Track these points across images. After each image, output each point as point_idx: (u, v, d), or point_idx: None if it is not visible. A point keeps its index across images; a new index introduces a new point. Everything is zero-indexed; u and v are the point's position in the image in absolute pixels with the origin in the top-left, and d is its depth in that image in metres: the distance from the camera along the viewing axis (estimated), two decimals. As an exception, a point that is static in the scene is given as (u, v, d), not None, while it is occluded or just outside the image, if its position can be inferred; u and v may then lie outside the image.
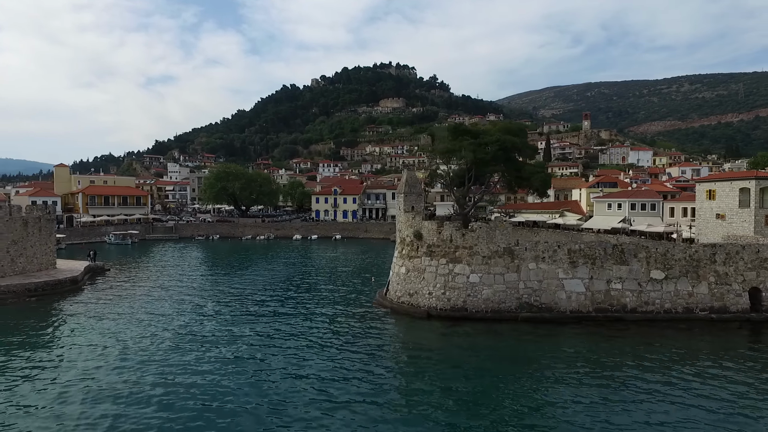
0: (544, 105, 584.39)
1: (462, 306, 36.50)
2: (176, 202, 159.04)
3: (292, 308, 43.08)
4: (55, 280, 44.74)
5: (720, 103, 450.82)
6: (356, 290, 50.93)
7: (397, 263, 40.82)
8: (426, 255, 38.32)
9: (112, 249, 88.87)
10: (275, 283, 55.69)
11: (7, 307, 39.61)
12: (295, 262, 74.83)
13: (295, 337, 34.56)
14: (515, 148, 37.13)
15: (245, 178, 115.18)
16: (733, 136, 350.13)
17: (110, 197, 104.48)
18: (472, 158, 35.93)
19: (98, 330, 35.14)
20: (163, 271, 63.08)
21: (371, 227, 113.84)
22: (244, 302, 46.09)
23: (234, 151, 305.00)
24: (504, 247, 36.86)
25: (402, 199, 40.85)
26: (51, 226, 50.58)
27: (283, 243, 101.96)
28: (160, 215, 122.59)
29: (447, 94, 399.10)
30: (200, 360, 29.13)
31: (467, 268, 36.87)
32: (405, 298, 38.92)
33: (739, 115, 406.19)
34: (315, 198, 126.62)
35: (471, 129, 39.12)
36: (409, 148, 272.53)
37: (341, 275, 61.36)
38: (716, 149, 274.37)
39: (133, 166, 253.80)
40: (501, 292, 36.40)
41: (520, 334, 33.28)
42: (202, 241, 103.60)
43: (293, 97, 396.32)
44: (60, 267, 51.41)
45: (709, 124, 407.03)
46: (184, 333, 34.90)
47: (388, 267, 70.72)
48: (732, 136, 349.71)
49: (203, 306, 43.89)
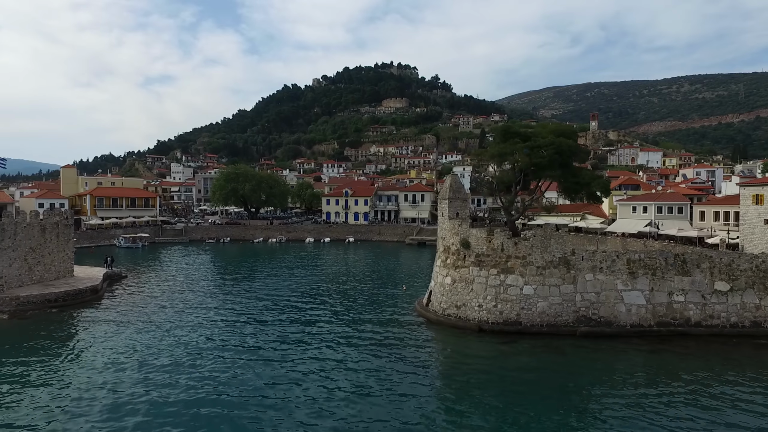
0: (543, 105, 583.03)
1: (515, 320, 34.29)
2: (182, 204, 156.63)
3: (327, 317, 41.14)
4: (75, 290, 42.40)
5: (720, 104, 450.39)
6: (390, 298, 48.78)
7: (441, 273, 38.58)
8: (474, 265, 36.11)
9: (122, 253, 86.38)
10: (302, 290, 53.52)
11: (28, 321, 37.25)
12: (314, 266, 72.59)
13: (334, 347, 32.89)
14: (570, 151, 34.93)
15: (255, 179, 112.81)
16: (734, 136, 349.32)
17: (118, 199, 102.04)
18: (528, 162, 33.71)
19: (125, 342, 33.06)
20: (181, 276, 60.74)
21: (384, 230, 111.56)
22: (274, 310, 44.13)
23: (236, 152, 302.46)
24: (559, 257, 34.67)
25: (446, 205, 38.62)
26: (69, 232, 48.24)
27: (295, 246, 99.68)
28: (168, 217, 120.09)
29: (449, 94, 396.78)
30: (238, 373, 27.77)
31: (520, 279, 34.67)
32: (451, 311, 36.69)
33: (740, 116, 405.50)
34: (325, 200, 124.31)
35: (521, 131, 36.91)
36: (414, 148, 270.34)
37: (367, 281, 59.15)
38: (718, 150, 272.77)
39: (135, 167, 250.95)
40: (557, 304, 34.20)
41: (581, 351, 31.10)
42: (213, 244, 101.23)
43: (295, 97, 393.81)
44: (78, 275, 49.05)
45: (710, 124, 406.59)
46: (215, 345, 33.13)
47: (411, 272, 69.48)
48: (733, 137, 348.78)
49: (231, 315, 41.97)
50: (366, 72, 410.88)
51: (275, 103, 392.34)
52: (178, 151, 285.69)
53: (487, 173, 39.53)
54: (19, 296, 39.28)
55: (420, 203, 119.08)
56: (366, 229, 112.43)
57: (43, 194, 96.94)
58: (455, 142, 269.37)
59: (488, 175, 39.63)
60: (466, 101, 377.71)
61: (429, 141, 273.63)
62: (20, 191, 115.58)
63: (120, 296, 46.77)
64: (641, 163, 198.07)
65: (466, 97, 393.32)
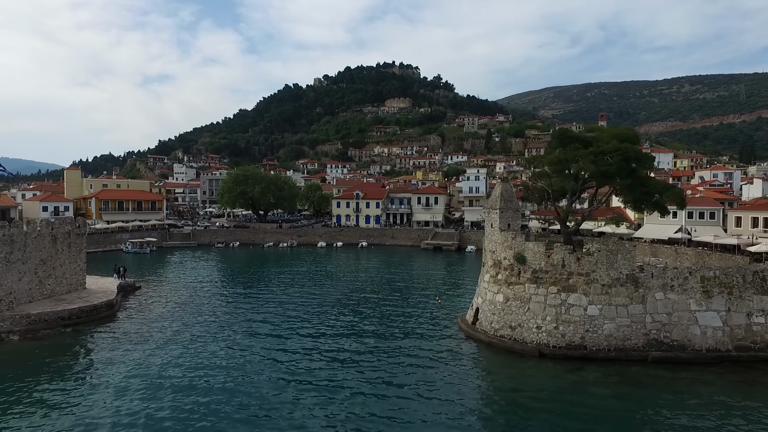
0: (544, 105, 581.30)
1: (580, 343, 31.18)
2: (187, 205, 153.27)
3: (361, 333, 38.51)
4: (90, 306, 39.14)
5: (721, 104, 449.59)
6: (424, 310, 45.77)
7: (490, 289, 35.45)
8: (531, 282, 32.99)
9: (130, 258, 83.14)
10: (328, 300, 50.57)
11: (41, 342, 34.01)
12: (332, 273, 69.44)
13: (374, 367, 30.53)
14: (637, 158, 31.86)
15: (265, 181, 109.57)
16: (736, 137, 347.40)
17: (124, 202, 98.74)
18: (594, 170, 30.62)
19: (147, 366, 30.27)
20: (196, 286, 57.53)
21: (398, 234, 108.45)
22: (299, 322, 41.70)
23: (238, 152, 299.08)
24: (627, 274, 31.58)
25: (497, 215, 35.49)
26: (81, 242, 44.98)
27: (307, 251, 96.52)
28: (174, 220, 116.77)
29: (452, 94, 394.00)
30: (273, 394, 25.97)
31: (584, 299, 31.57)
32: (505, 332, 33.56)
33: (741, 116, 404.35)
34: (335, 202, 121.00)
35: (580, 135, 33.87)
36: (419, 148, 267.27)
37: (394, 291, 55.96)
38: (722, 150, 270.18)
39: (137, 167, 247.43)
40: (625, 326, 31.10)
41: (659, 382, 27.94)
42: (222, 248, 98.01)
43: (296, 97, 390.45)
44: (90, 287, 45.81)
45: (711, 125, 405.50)
46: (243, 365, 30.92)
47: (437, 281, 65.74)
48: (735, 138, 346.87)
49: (254, 329, 39.44)
50: (368, 72, 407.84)
51: (276, 102, 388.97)
52: (180, 151, 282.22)
53: (536, 180, 36.22)
54: (30, 314, 36.04)
55: (433, 206, 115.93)
56: (379, 233, 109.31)
57: (47, 197, 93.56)
58: (461, 143, 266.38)
59: (536, 181, 36.36)
60: (469, 101, 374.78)
61: (434, 141, 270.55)
62: (22, 193, 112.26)
63: (136, 311, 43.54)
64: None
65: (469, 97, 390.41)
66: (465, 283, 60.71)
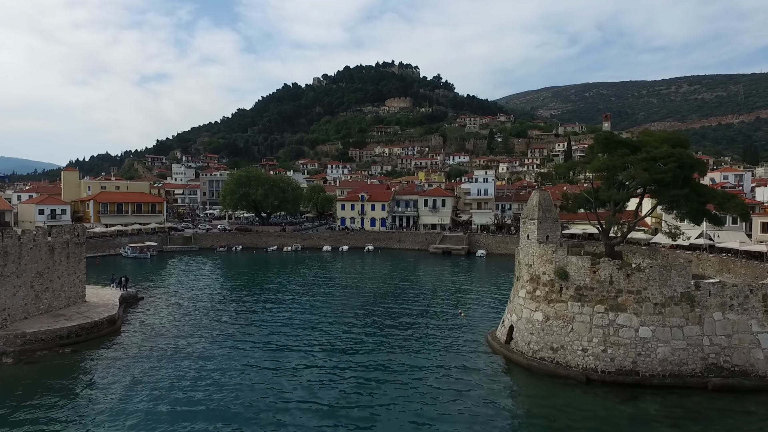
0: (542, 105, 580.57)
1: (631, 368, 28.40)
2: (187, 207, 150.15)
3: (381, 347, 36.34)
4: (90, 323, 36.13)
5: (720, 105, 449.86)
6: (446, 323, 43.10)
7: (527, 306, 32.66)
8: (574, 300, 30.22)
9: (130, 264, 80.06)
10: (341, 311, 47.98)
11: (37, 366, 31.01)
12: (341, 280, 66.63)
13: (401, 389, 28.24)
14: (691, 164, 29.12)
15: (268, 183, 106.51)
16: (735, 137, 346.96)
17: (123, 204, 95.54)
18: (648, 179, 27.86)
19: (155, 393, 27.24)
20: (201, 295, 54.61)
21: (404, 237, 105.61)
22: (313, 334, 39.03)
23: (237, 152, 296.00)
24: (681, 292, 28.82)
25: (534, 226, 32.68)
26: (80, 251, 41.96)
27: (313, 255, 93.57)
28: (174, 223, 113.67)
29: (452, 93, 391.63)
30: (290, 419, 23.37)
31: (635, 319, 28.80)
32: (546, 354, 30.76)
33: (740, 117, 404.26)
34: (340, 204, 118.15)
35: (627, 140, 31.10)
36: (420, 149, 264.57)
37: (410, 300, 53.15)
38: (719, 151, 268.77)
39: (134, 167, 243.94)
40: (681, 350, 28.35)
41: (730, 416, 25.04)
42: (224, 253, 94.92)
43: (295, 96, 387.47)
44: (90, 299, 42.79)
45: (710, 125, 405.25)
46: (260, 384, 28.61)
47: (452, 288, 61.79)
48: (733, 138, 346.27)
49: (267, 343, 37.16)
50: (367, 71, 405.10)
51: (275, 102, 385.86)
52: (178, 151, 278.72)
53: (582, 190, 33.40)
54: (25, 333, 33.05)
55: (440, 209, 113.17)
56: (385, 236, 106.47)
57: (44, 200, 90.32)
58: (462, 143, 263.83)
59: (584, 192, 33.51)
60: (469, 101, 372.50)
61: (435, 141, 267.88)
62: (18, 195, 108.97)
63: (139, 326, 40.55)
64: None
65: (469, 97, 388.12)
66: (484, 292, 57.93)
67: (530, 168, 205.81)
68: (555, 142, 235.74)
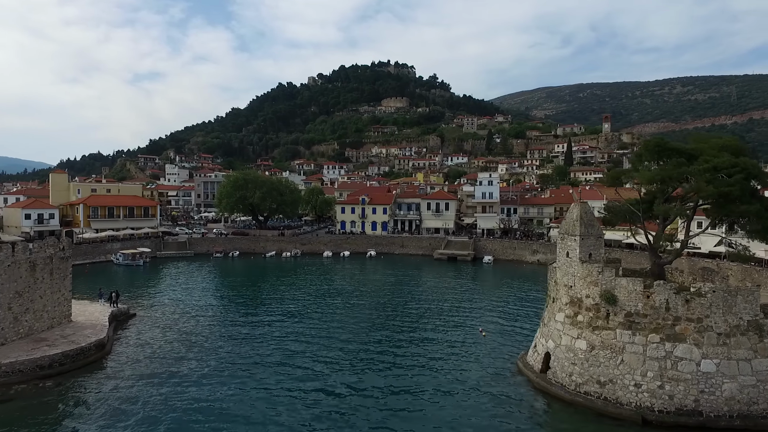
0: (536, 105, 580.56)
1: (693, 408, 24.99)
2: (180, 209, 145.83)
3: (396, 370, 33.52)
4: (76, 349, 32.28)
5: (713, 105, 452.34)
6: (469, 344, 39.69)
7: (568, 332, 29.20)
8: (624, 327, 26.80)
9: (121, 272, 76.07)
10: (348, 327, 44.68)
11: (11, 404, 27.12)
12: (345, 290, 63.03)
13: (424, 417, 25.41)
14: (757, 175, 25.80)
15: (266, 186, 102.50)
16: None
17: (115, 208, 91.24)
18: (712, 192, 24.47)
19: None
20: (197, 309, 50.90)
21: (407, 242, 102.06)
22: (322, 357, 35.70)
23: (232, 152, 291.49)
24: (749, 320, 25.47)
25: (574, 243, 29.22)
26: (66, 267, 38.01)
27: (313, 261, 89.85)
28: (168, 227, 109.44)
29: (448, 93, 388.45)
30: None
31: (696, 351, 25.40)
32: (592, 388, 27.30)
33: (733, 117, 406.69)
34: (340, 208, 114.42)
35: (681, 148, 27.76)
36: (418, 149, 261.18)
37: (424, 314, 49.60)
38: None
39: (126, 167, 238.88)
40: (750, 387, 24.98)
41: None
42: (221, 259, 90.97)
43: (290, 96, 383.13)
44: (77, 319, 38.89)
45: (703, 126, 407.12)
46: (267, 410, 25.13)
47: (464, 300, 57.30)
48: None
49: (270, 364, 34.10)
50: (363, 71, 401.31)
51: (270, 101, 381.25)
52: (172, 151, 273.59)
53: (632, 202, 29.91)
54: (0, 364, 29.18)
55: (444, 212, 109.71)
56: (387, 241, 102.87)
57: (30, 203, 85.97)
58: (461, 144, 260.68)
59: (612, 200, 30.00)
60: (465, 101, 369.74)
61: (433, 142, 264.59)
62: (4, 197, 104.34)
63: (132, 350, 36.67)
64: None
65: (465, 97, 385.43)
66: (501, 305, 54.41)
67: (530, 169, 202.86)
68: (554, 143, 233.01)
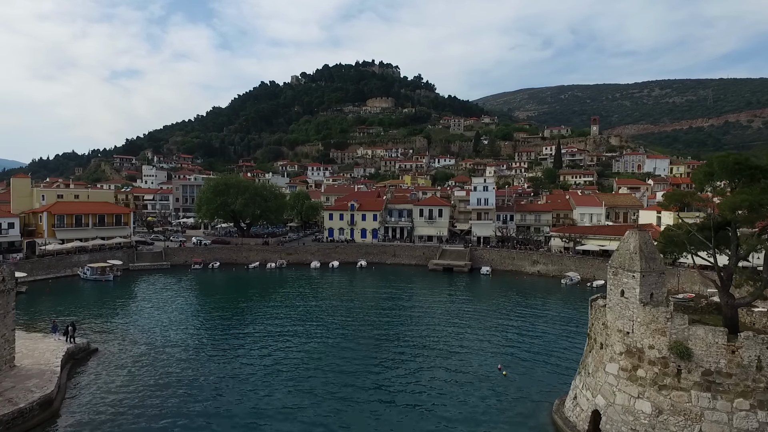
0: (518, 106, 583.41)
1: (797, 496, 19.88)
2: (157, 214, 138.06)
3: (409, 414, 28.44)
4: (12, 413, 25.79)
5: (690, 108, 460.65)
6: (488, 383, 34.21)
7: (624, 389, 23.87)
8: (701, 388, 21.58)
9: (89, 288, 69.06)
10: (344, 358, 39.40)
11: None
12: (336, 309, 57.63)
13: None
14: None
15: (249, 191, 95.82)
16: (705, 140, 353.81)
17: (83, 216, 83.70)
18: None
19: None
20: (171, 336, 44.92)
21: (400, 251, 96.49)
22: (317, 400, 29.56)
23: (213, 152, 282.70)
24: None
25: (635, 281, 23.88)
26: (6, 302, 31.36)
27: (300, 273, 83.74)
28: (143, 235, 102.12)
29: (433, 94, 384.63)
30: None
31: (796, 422, 20.29)
32: (661, 464, 22.03)
33: (710, 120, 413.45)
34: (327, 214, 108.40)
35: (757, 163, 22.69)
36: (404, 150, 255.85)
37: (428, 342, 44.01)
38: (690, 153, 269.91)
39: (101, 168, 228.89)
40: None
41: None
42: (200, 271, 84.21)
43: (273, 95, 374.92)
44: (22, 363, 32.35)
45: (681, 128, 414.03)
46: None
47: (473, 323, 49.90)
48: (704, 141, 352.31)
49: (255, 404, 28.60)
50: (347, 70, 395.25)
51: (252, 100, 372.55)
52: (149, 151, 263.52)
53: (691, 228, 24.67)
54: None
55: (437, 219, 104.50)
56: (378, 250, 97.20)
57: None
58: (448, 145, 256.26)
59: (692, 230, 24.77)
60: (450, 102, 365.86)
61: (420, 143, 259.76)
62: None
63: (89, 402, 30.27)
64: (648, 170, 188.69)
65: (450, 98, 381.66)
66: (512, 331, 49.04)
67: (518, 172, 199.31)
68: (542, 145, 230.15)
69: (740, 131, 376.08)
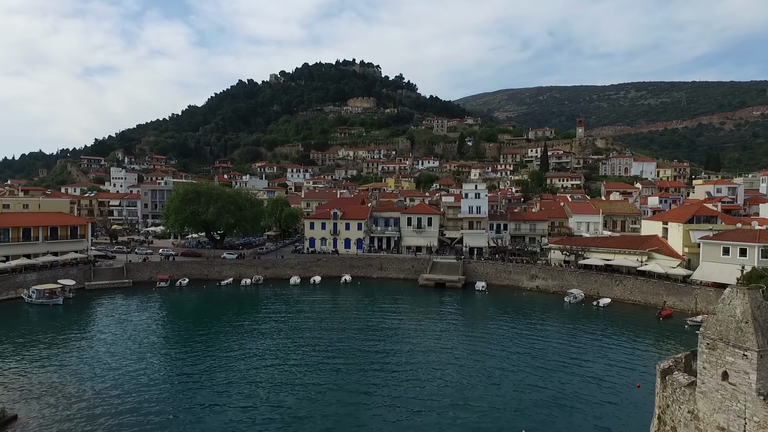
0: (498, 107, 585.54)
1: None
2: (124, 221, 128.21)
3: None
4: None
5: (665, 110, 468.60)
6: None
7: None
8: None
9: (33, 314, 60.13)
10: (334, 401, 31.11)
11: None
12: (319, 337, 49.89)
13: None
14: None
15: (221, 199, 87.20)
16: (680, 142, 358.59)
17: (32, 229, 74.33)
18: None
19: None
20: (123, 385, 36.61)
21: (387, 264, 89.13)
22: None
23: (188, 152, 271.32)
24: None
25: (748, 363, 16.96)
26: None
27: (278, 291, 75.84)
28: (103, 247, 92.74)
29: (415, 94, 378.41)
30: None
31: None
32: None
33: (684, 122, 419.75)
34: (309, 223, 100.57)
35: None
36: (387, 152, 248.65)
37: (433, 388, 36.16)
38: (666, 154, 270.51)
39: (67, 170, 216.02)
40: None
41: None
42: (166, 289, 75.56)
43: (251, 94, 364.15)
44: None
45: (656, 129, 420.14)
46: None
47: (483, 357, 40.65)
48: (678, 142, 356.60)
49: None
50: (327, 69, 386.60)
51: (230, 99, 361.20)
52: (120, 152, 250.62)
53: None
54: None
55: (426, 228, 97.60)
56: (363, 263, 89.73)
57: None
58: (431, 147, 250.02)
59: None
60: (432, 102, 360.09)
61: (403, 145, 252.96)
62: None
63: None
64: (635, 173, 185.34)
65: (432, 98, 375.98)
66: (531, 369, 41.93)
67: (504, 174, 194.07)
68: (527, 147, 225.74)
69: (713, 133, 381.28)
